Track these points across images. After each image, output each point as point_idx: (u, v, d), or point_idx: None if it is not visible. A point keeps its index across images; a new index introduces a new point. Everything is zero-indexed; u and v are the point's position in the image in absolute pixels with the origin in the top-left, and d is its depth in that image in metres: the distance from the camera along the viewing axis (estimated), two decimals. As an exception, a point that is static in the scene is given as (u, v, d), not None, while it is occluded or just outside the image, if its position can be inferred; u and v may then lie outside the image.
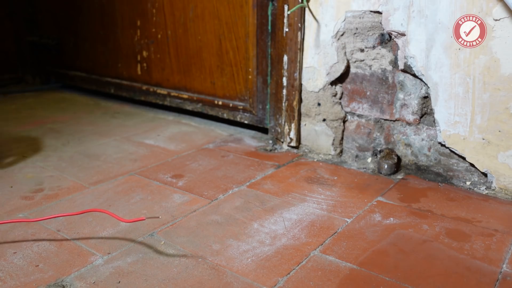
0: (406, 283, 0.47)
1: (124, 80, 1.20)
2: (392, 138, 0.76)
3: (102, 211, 0.55)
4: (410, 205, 0.64)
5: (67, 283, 0.47)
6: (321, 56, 0.79)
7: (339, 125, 0.81)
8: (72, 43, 1.34)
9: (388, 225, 0.59)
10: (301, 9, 0.79)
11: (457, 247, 0.53)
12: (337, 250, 0.53)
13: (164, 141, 0.93)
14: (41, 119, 1.09)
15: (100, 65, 1.27)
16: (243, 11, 0.90)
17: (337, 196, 0.67)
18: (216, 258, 0.51)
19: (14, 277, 0.48)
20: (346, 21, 0.75)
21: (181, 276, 0.48)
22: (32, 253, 0.52)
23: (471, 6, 0.63)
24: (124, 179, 0.73)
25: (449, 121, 0.68)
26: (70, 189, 0.69)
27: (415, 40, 0.69)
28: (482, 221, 0.59)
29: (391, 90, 0.74)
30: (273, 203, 0.65)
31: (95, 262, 0.51)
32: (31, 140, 0.92)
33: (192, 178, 0.74)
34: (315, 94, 0.82)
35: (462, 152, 0.68)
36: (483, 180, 0.68)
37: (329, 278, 0.48)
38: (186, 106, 1.06)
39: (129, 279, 0.47)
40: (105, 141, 0.92)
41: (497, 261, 0.50)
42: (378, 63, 0.74)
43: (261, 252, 0.53)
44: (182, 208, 0.63)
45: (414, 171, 0.75)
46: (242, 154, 0.85)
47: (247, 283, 0.47)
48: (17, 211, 0.62)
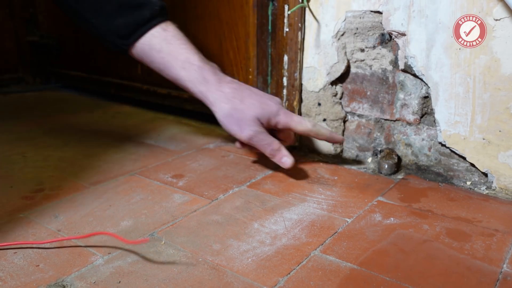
0: (406, 283, 0.47)
1: (125, 80, 1.20)
2: (392, 138, 0.76)
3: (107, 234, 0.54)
4: (411, 205, 0.64)
5: (68, 283, 0.47)
6: (322, 56, 0.80)
7: (340, 125, 0.81)
8: (72, 43, 1.34)
9: (389, 225, 0.59)
10: (301, 9, 0.79)
11: (458, 247, 0.53)
12: (338, 250, 0.53)
13: (164, 141, 0.93)
14: (41, 119, 1.09)
15: (100, 65, 1.27)
16: (243, 11, 0.90)
17: (337, 196, 0.67)
18: (216, 258, 0.51)
19: (14, 277, 0.48)
20: (347, 21, 0.75)
21: (182, 276, 0.48)
22: (32, 253, 0.52)
23: (471, 6, 0.63)
24: (124, 179, 0.73)
25: (450, 121, 0.68)
26: (70, 189, 0.69)
27: (415, 40, 0.69)
28: (482, 221, 0.59)
29: (392, 90, 0.74)
30: (273, 203, 0.65)
31: (95, 262, 0.51)
32: (31, 140, 0.93)
33: (193, 178, 0.74)
34: (316, 94, 0.82)
35: (463, 152, 0.68)
36: (483, 180, 0.68)
37: (329, 278, 0.48)
38: (187, 106, 1.06)
39: (129, 279, 0.47)
40: (105, 141, 0.92)
41: (497, 261, 0.50)
42: (379, 63, 0.74)
43: (262, 252, 0.53)
44: (182, 208, 0.64)
45: (414, 171, 0.75)
46: (242, 154, 0.85)
47: (248, 283, 0.47)
48: (18, 211, 0.62)
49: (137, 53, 0.73)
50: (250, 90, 0.71)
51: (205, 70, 0.71)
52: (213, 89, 0.70)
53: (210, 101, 0.71)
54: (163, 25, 0.72)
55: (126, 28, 0.70)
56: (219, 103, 0.69)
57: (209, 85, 0.70)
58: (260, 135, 0.69)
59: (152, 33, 0.71)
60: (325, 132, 0.72)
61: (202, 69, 0.71)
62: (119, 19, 0.70)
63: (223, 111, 0.69)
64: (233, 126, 0.69)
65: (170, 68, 0.72)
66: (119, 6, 0.69)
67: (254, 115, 0.68)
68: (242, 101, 0.69)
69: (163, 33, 0.71)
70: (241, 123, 0.68)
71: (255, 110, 0.68)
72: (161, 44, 0.71)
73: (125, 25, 0.70)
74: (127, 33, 0.71)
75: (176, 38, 0.71)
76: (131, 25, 0.70)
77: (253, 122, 0.68)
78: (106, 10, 0.69)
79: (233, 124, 0.69)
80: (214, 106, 0.70)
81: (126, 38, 0.71)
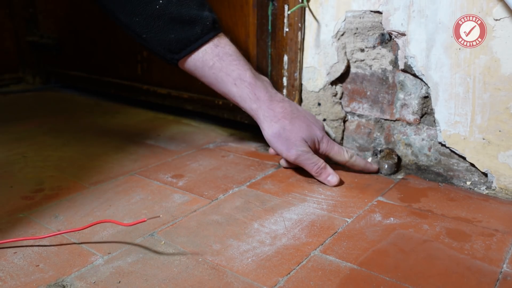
0: (406, 283, 0.47)
1: (124, 80, 1.20)
2: (392, 138, 0.76)
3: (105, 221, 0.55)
4: (411, 205, 0.64)
5: (68, 283, 0.47)
6: (321, 56, 0.80)
7: (339, 125, 0.81)
8: (72, 43, 1.34)
9: (389, 225, 0.59)
10: (301, 9, 0.79)
11: (458, 247, 0.53)
12: (337, 250, 0.53)
13: (164, 141, 0.93)
14: (41, 119, 1.09)
15: (100, 65, 1.27)
16: (243, 11, 0.90)
17: (337, 196, 0.67)
18: (216, 258, 0.51)
19: (14, 277, 0.48)
20: (347, 21, 0.75)
21: (182, 276, 0.48)
22: (32, 253, 0.52)
23: (471, 6, 0.63)
24: (124, 179, 0.73)
25: (450, 121, 0.68)
26: (70, 189, 0.69)
27: (415, 40, 0.69)
28: (482, 221, 0.59)
29: (391, 90, 0.74)
30: (273, 203, 0.65)
31: (95, 262, 0.51)
32: (31, 140, 0.93)
33: (193, 178, 0.74)
34: (315, 94, 0.82)
35: (463, 152, 0.68)
36: (483, 180, 0.68)
37: (329, 278, 0.48)
38: (187, 106, 1.06)
39: (129, 279, 0.47)
40: (105, 141, 0.92)
41: (497, 261, 0.50)
42: (378, 63, 0.74)
43: (262, 252, 0.53)
44: (182, 208, 0.64)
45: (414, 171, 0.75)
46: (242, 154, 0.85)
47: (248, 283, 0.47)
48: (17, 211, 0.62)
49: (189, 68, 0.74)
50: (299, 112, 0.73)
51: (256, 87, 0.72)
52: (264, 107, 0.71)
53: (260, 118, 0.72)
54: (215, 41, 0.72)
55: (177, 44, 0.71)
56: (269, 122, 0.71)
57: (260, 102, 0.72)
58: (306, 154, 0.70)
59: (204, 49, 0.71)
60: (360, 163, 0.74)
61: (253, 86, 0.72)
62: (170, 34, 0.70)
63: (272, 130, 0.71)
64: (280, 146, 0.71)
65: (221, 84, 0.73)
66: (170, 21, 0.69)
67: (302, 136, 0.70)
68: (291, 122, 0.70)
69: (215, 49, 0.72)
70: (289, 143, 0.70)
71: (303, 132, 0.70)
72: (213, 60, 0.72)
73: (176, 41, 0.70)
74: (178, 49, 0.71)
75: (228, 55, 0.72)
76: (182, 41, 0.70)
77: (300, 143, 0.70)
78: (158, 25, 0.70)
79: (281, 143, 0.71)
80: (263, 124, 0.72)
81: (177, 53, 0.72)
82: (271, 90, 0.74)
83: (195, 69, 0.74)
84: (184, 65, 0.74)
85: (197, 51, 0.72)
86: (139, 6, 0.69)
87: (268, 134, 0.72)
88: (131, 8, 0.69)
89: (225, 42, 0.73)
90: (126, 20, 0.71)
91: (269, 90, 0.73)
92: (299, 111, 0.73)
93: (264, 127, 0.72)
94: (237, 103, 0.74)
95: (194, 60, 0.72)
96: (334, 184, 0.70)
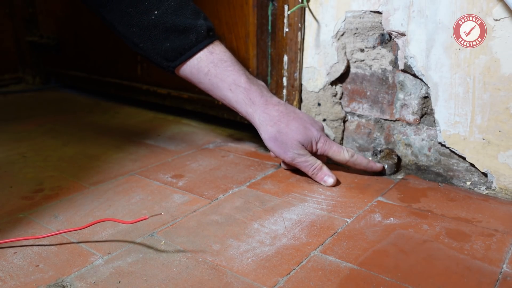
0: (406, 283, 0.47)
1: (124, 80, 1.20)
2: (392, 138, 0.76)
3: (106, 220, 0.55)
4: (410, 205, 0.64)
5: (67, 283, 0.47)
6: (321, 56, 0.80)
7: (339, 125, 0.81)
8: (72, 43, 1.34)
9: (388, 225, 0.59)
10: (301, 9, 0.79)
11: (458, 247, 0.53)
12: (337, 250, 0.53)
13: (164, 141, 0.93)
14: (41, 119, 1.09)
15: (100, 65, 1.27)
16: (243, 12, 0.90)
17: (337, 196, 0.67)
18: (216, 258, 0.51)
19: (14, 277, 0.48)
20: (346, 21, 0.75)
21: (182, 276, 0.48)
22: (32, 253, 0.52)
23: (471, 6, 0.63)
24: (124, 179, 0.73)
25: (449, 121, 0.68)
26: (70, 189, 0.69)
27: (415, 40, 0.69)
28: (482, 221, 0.59)
29: (391, 90, 0.74)
30: (273, 203, 0.65)
31: (95, 262, 0.51)
32: (31, 140, 0.93)
33: (192, 178, 0.74)
34: (315, 94, 0.82)
35: (462, 152, 0.68)
36: (483, 180, 0.68)
37: (329, 278, 0.48)
38: (186, 106, 1.06)
39: (129, 279, 0.47)
40: (105, 141, 0.92)
41: (497, 261, 0.50)
42: (378, 63, 0.74)
43: (261, 252, 0.53)
44: (182, 208, 0.64)
45: (414, 171, 0.75)
46: (242, 154, 0.85)
47: (247, 283, 0.47)
48: (17, 211, 0.62)
49: (185, 75, 0.76)
50: (295, 114, 0.73)
51: (251, 91, 0.73)
52: (259, 111, 0.72)
53: (256, 122, 0.73)
54: (210, 48, 0.73)
55: (172, 52, 0.73)
56: (265, 125, 0.72)
57: (255, 106, 0.72)
58: (302, 157, 0.71)
59: (199, 56, 0.73)
60: (362, 161, 0.74)
61: (248, 90, 0.72)
62: (166, 43, 0.72)
63: (268, 134, 0.72)
64: (277, 148, 0.72)
65: (217, 89, 0.74)
66: (166, 31, 0.71)
67: (298, 138, 0.70)
68: (287, 125, 0.71)
69: (210, 56, 0.73)
70: (285, 146, 0.71)
71: (299, 134, 0.71)
72: (208, 67, 0.73)
73: (171, 50, 0.72)
74: (174, 57, 0.73)
75: (222, 61, 0.73)
76: (177, 50, 0.72)
77: (296, 145, 0.70)
78: (154, 35, 0.72)
79: (278, 146, 0.72)
80: (260, 127, 0.73)
81: (172, 60, 0.74)
82: (267, 94, 0.74)
83: (191, 76, 0.75)
84: (180, 72, 0.76)
85: (192, 58, 0.73)
86: (136, 17, 0.71)
87: (265, 138, 0.73)
88: (128, 19, 0.72)
89: (220, 49, 0.74)
90: (124, 30, 0.74)
91: (265, 94, 0.74)
92: (295, 113, 0.73)
93: (261, 131, 0.73)
94: (233, 107, 0.75)
95: (189, 67, 0.74)
96: (330, 184, 0.70)
